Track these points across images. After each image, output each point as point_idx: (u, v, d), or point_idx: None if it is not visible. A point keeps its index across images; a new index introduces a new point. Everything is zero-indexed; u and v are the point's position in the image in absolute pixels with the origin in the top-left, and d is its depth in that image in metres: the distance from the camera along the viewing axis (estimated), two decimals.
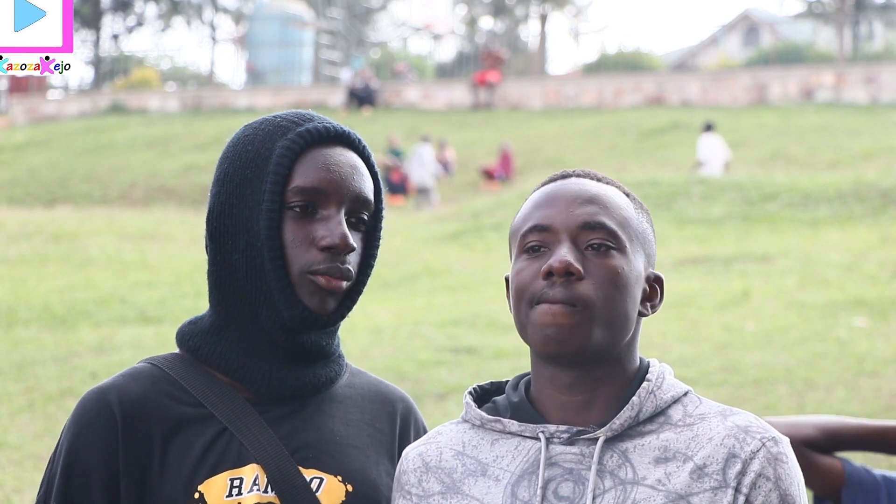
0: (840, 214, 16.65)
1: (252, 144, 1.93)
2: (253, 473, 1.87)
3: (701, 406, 1.80)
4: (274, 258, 1.88)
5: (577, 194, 1.80)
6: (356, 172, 1.93)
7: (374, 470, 1.96)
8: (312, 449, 1.92)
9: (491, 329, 10.55)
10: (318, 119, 1.96)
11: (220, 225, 1.92)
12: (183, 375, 1.93)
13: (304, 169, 1.90)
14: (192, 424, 1.89)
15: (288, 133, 1.92)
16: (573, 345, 1.74)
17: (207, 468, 1.87)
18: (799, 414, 7.74)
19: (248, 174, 1.90)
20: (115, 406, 1.87)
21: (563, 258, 1.73)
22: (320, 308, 1.89)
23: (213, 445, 1.88)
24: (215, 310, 1.95)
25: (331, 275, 1.88)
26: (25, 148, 29.33)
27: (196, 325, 1.98)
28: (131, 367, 1.96)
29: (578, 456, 1.76)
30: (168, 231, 18.25)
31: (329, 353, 1.97)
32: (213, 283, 1.95)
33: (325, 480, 1.90)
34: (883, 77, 28.50)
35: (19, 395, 8.79)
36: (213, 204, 1.94)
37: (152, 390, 1.90)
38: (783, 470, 1.73)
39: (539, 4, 49.12)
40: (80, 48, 45.17)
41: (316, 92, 34.05)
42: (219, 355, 1.93)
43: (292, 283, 1.88)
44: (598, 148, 24.84)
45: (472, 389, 1.90)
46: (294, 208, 1.89)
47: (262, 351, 1.92)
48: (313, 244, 1.88)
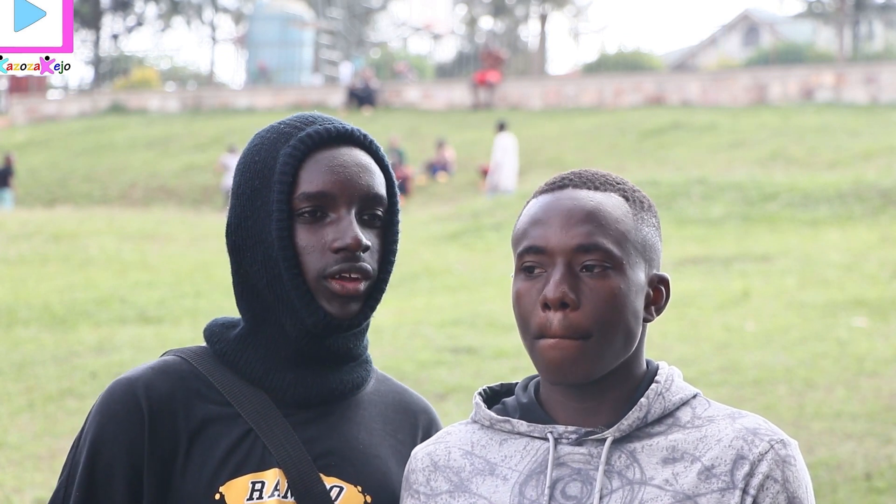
0: (840, 214, 16.65)
1: (259, 154, 1.92)
2: (275, 478, 1.86)
3: (710, 408, 1.80)
4: (289, 267, 1.87)
5: (572, 211, 1.76)
6: (363, 170, 1.92)
7: (395, 481, 1.95)
8: (335, 456, 1.91)
9: (491, 329, 10.55)
10: (320, 121, 1.94)
11: (237, 238, 1.92)
12: (212, 372, 1.92)
13: (309, 174, 1.89)
14: (218, 423, 1.88)
15: (290, 139, 1.91)
16: (577, 375, 1.74)
17: (230, 469, 1.86)
18: (799, 414, 7.74)
19: (258, 185, 1.90)
20: (142, 399, 1.86)
21: (558, 289, 1.72)
22: (342, 313, 1.88)
23: (237, 446, 1.87)
24: (244, 319, 1.95)
25: (347, 276, 1.87)
26: (25, 148, 29.33)
27: (227, 329, 1.96)
28: (160, 359, 1.95)
29: (586, 456, 1.76)
30: (168, 231, 18.24)
31: (357, 356, 1.96)
32: (239, 294, 1.94)
33: (345, 490, 1.90)
34: (883, 77, 28.49)
35: (19, 395, 8.79)
36: (230, 217, 1.94)
37: (181, 386, 1.89)
38: (791, 472, 1.73)
39: (539, 4, 49.15)
40: (80, 48, 45.22)
41: (316, 92, 34.05)
42: (244, 362, 1.92)
43: (310, 290, 1.87)
44: (598, 148, 24.84)
45: (483, 390, 1.90)
46: (304, 214, 1.88)
47: (288, 359, 1.91)
48: (327, 248, 1.87)
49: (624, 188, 1.82)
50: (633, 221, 1.79)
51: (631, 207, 1.80)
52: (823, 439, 7.25)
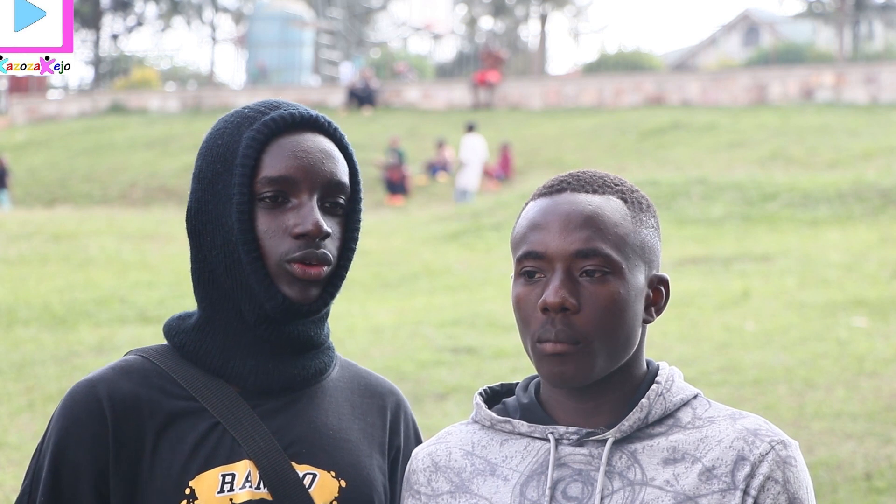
0: (840, 214, 16.65)
1: (221, 138, 1.91)
2: (245, 469, 1.85)
3: (710, 409, 1.80)
4: (249, 251, 1.86)
5: (570, 216, 1.76)
6: (327, 157, 1.90)
7: (367, 465, 1.94)
8: (305, 443, 1.90)
9: (491, 329, 10.55)
10: (285, 106, 1.93)
11: (197, 222, 1.91)
12: (174, 368, 1.90)
13: (272, 159, 1.87)
14: (184, 418, 1.87)
15: (254, 123, 1.90)
16: (578, 378, 1.75)
17: (199, 463, 1.85)
18: (799, 414, 7.75)
19: (219, 168, 1.89)
20: (104, 401, 1.85)
21: (557, 294, 1.72)
22: (302, 297, 1.87)
23: (205, 440, 1.86)
24: (200, 306, 1.93)
25: (307, 262, 1.86)
26: (25, 148, 29.33)
27: (184, 321, 1.95)
28: (122, 358, 1.93)
29: (587, 457, 1.76)
30: (168, 231, 18.23)
31: (318, 343, 1.95)
32: (196, 280, 1.93)
33: (319, 476, 1.89)
34: (883, 77, 28.49)
35: (19, 395, 8.79)
36: (190, 202, 1.93)
37: (143, 385, 1.88)
38: (792, 473, 1.73)
39: (539, 4, 49.14)
40: (80, 48, 45.20)
41: (316, 92, 34.05)
42: (203, 352, 1.91)
43: (270, 274, 1.86)
44: (598, 148, 24.83)
45: (483, 391, 1.90)
46: (265, 199, 1.87)
47: (248, 346, 1.90)
48: (287, 233, 1.86)
49: (622, 190, 1.82)
50: (631, 224, 1.79)
51: (629, 210, 1.80)
52: (823, 439, 7.25)
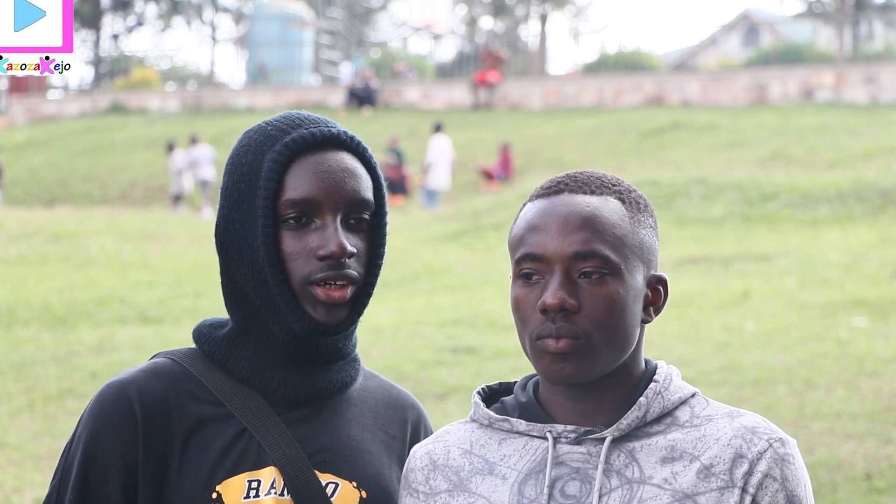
0: (840, 214, 16.65)
1: (246, 157, 1.91)
2: (271, 476, 1.87)
3: (708, 407, 1.81)
4: (275, 273, 1.87)
5: (568, 217, 1.76)
6: (349, 175, 1.90)
7: (387, 476, 1.96)
8: (329, 453, 1.92)
9: (491, 329, 10.55)
10: (307, 124, 1.93)
11: (225, 240, 1.92)
12: (203, 373, 1.92)
13: (294, 180, 1.88)
14: (212, 423, 1.88)
15: (276, 143, 1.90)
16: (577, 376, 1.75)
17: (226, 468, 1.86)
18: (799, 414, 7.75)
19: (244, 188, 1.90)
20: (135, 403, 1.86)
21: (556, 296, 1.72)
22: (328, 319, 1.88)
23: (232, 446, 1.87)
24: (233, 319, 1.95)
25: (331, 283, 1.87)
26: (25, 148, 29.33)
27: (216, 329, 1.96)
28: (151, 361, 1.95)
29: (585, 455, 1.76)
30: (168, 231, 18.24)
31: (345, 355, 1.97)
32: (228, 295, 1.94)
33: (341, 486, 1.91)
34: (883, 77, 28.49)
35: (19, 395, 8.79)
36: (218, 218, 1.94)
37: (173, 388, 1.89)
38: (790, 471, 1.74)
39: (539, 4, 49.15)
40: (80, 48, 45.19)
41: (316, 92, 34.04)
42: (233, 361, 1.92)
43: (296, 296, 1.87)
44: (598, 148, 24.83)
45: (481, 389, 1.91)
46: (289, 220, 1.88)
47: (277, 360, 1.91)
48: (311, 255, 1.87)
49: (619, 190, 1.82)
50: (629, 225, 1.79)
51: (627, 210, 1.80)
52: (823, 439, 7.25)
